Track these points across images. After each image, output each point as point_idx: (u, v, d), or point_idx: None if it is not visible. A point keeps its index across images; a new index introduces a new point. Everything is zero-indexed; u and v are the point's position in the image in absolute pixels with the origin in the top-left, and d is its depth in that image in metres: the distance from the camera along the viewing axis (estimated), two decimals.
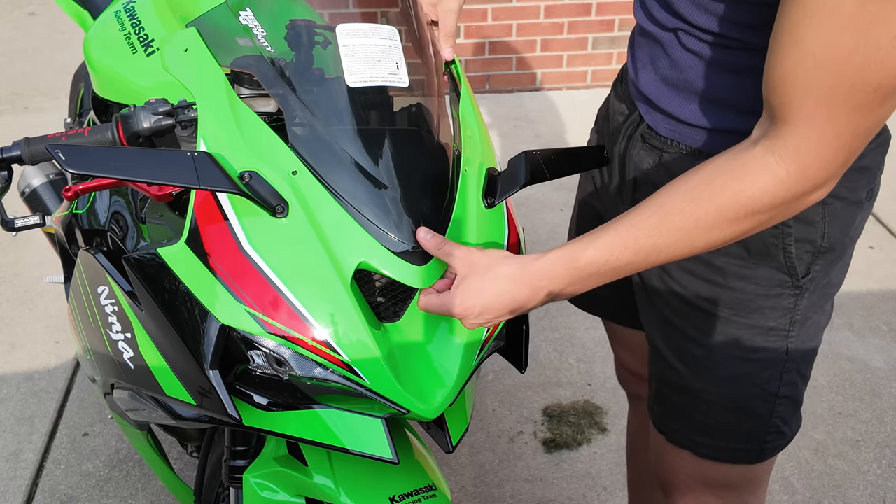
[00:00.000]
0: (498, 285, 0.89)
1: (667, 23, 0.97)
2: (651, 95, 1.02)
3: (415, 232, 0.91)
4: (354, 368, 0.89)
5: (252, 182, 0.90)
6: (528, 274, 0.90)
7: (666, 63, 0.99)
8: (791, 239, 0.98)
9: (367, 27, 0.98)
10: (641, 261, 0.87)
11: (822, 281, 1.02)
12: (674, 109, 0.99)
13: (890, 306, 2.57)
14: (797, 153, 0.78)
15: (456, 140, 1.04)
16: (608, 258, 0.87)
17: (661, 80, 1.00)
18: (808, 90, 0.75)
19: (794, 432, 1.13)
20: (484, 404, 2.21)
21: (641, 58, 1.04)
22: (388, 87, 0.97)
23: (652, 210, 0.86)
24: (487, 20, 3.78)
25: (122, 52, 1.22)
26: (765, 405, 1.07)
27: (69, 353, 2.38)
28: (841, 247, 1.01)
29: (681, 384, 1.10)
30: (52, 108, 3.81)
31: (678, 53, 0.96)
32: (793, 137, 0.78)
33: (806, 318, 1.04)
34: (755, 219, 0.83)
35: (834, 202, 0.96)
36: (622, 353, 1.46)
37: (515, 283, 0.89)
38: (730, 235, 0.85)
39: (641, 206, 0.87)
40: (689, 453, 1.13)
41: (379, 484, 1.04)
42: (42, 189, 1.83)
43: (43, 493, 1.96)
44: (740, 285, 1.01)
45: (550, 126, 3.67)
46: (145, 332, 0.98)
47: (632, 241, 0.86)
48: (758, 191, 0.80)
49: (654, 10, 0.99)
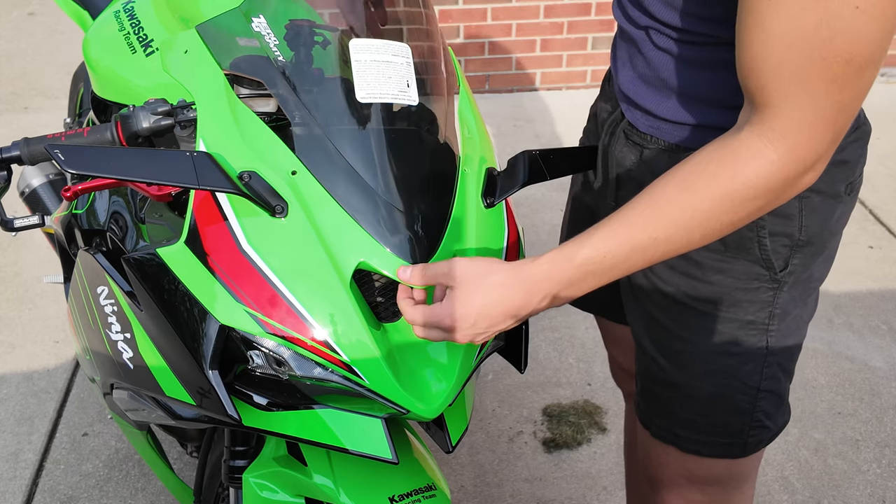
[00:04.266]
0: (492, 293, 0.87)
1: (639, 21, 0.97)
2: (630, 93, 1.02)
3: (410, 239, 0.90)
4: (354, 368, 0.89)
5: (251, 182, 0.90)
6: (522, 278, 0.87)
7: (641, 61, 0.99)
8: (765, 232, 0.97)
9: (379, 43, 0.98)
10: (639, 257, 0.86)
11: (802, 275, 1.02)
12: (652, 106, 0.99)
13: (890, 306, 2.57)
14: (784, 135, 0.78)
15: (456, 140, 1.04)
16: (605, 255, 0.85)
17: (639, 78, 1.00)
18: (781, 70, 0.75)
19: (779, 427, 1.13)
20: (484, 404, 2.21)
21: (621, 57, 1.04)
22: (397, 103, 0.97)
23: (645, 204, 0.85)
24: (487, 20, 3.78)
25: (121, 52, 1.22)
26: (747, 399, 1.07)
27: (69, 353, 2.38)
28: (820, 241, 1.00)
29: (664, 379, 1.11)
30: (52, 108, 3.81)
31: (651, 52, 0.97)
32: (776, 120, 0.78)
33: (786, 311, 1.04)
34: (752, 205, 0.82)
35: (811, 196, 0.96)
36: (614, 351, 1.47)
37: (510, 289, 0.87)
38: (727, 224, 0.84)
39: (634, 201, 0.86)
40: (674, 448, 1.14)
41: (379, 484, 1.04)
42: (41, 189, 1.83)
43: (43, 493, 1.96)
44: (718, 279, 1.01)
45: (550, 126, 3.67)
46: (145, 333, 0.98)
47: (627, 236, 0.85)
48: (751, 176, 0.79)
49: (628, 9, 0.99)
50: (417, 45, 1.04)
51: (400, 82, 0.97)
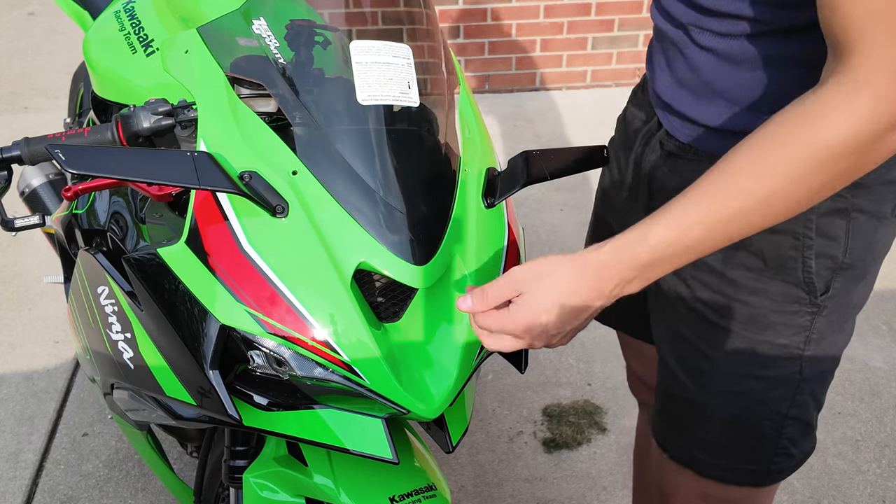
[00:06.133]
0: (559, 290, 0.81)
1: (681, 17, 0.91)
2: (668, 99, 0.98)
3: (411, 239, 0.90)
4: (354, 368, 0.89)
5: (252, 182, 0.90)
6: (589, 268, 0.80)
7: (681, 63, 0.94)
8: (811, 252, 0.93)
9: (380, 45, 0.98)
10: (718, 235, 0.77)
11: (842, 300, 0.97)
12: (693, 113, 0.94)
13: (890, 306, 2.57)
14: (871, 83, 0.71)
15: (456, 140, 1.04)
16: (679, 235, 0.77)
17: (679, 83, 0.95)
18: (867, 9, 0.69)
19: (805, 454, 1.07)
20: (484, 404, 2.21)
21: (658, 61, 1.00)
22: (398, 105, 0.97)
23: (715, 177, 0.77)
24: (487, 20, 3.78)
25: (121, 52, 1.22)
26: (772, 425, 1.03)
27: (69, 353, 2.38)
28: (863, 264, 0.96)
29: (686, 398, 1.07)
30: (52, 108, 3.81)
31: (693, 52, 0.91)
32: (861, 69, 0.71)
33: (822, 336, 0.98)
34: (840, 164, 0.74)
35: (858, 216, 0.92)
36: (633, 363, 1.44)
37: (578, 282, 0.81)
38: (813, 190, 0.75)
39: (706, 176, 0.78)
40: (691, 472, 1.09)
41: (379, 484, 1.04)
42: (42, 189, 1.84)
43: (43, 494, 1.96)
44: (753, 299, 0.97)
45: (550, 126, 3.67)
46: (145, 332, 0.98)
47: (703, 212, 0.76)
48: (837, 133, 0.72)
49: (668, 6, 0.93)
50: (418, 45, 1.04)
51: (401, 84, 0.97)
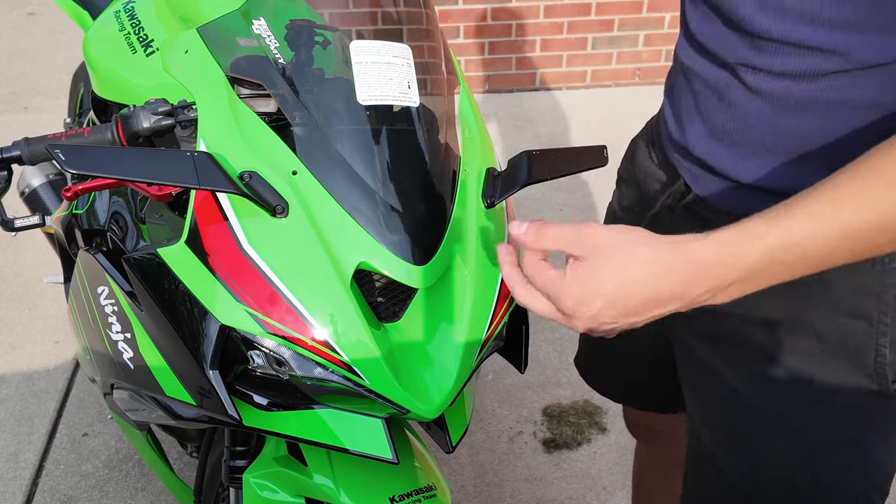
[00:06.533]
0: (635, 270, 0.65)
1: (727, 54, 0.76)
2: (703, 154, 0.83)
3: (411, 239, 0.90)
4: (354, 368, 0.89)
5: (252, 182, 0.90)
6: (685, 258, 0.64)
7: (723, 110, 0.79)
8: (886, 339, 0.79)
9: (380, 45, 0.98)
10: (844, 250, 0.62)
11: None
12: (735, 171, 0.79)
13: None
14: None
15: (456, 140, 1.04)
16: (801, 239, 0.62)
17: (717, 135, 0.81)
18: None
19: None
20: (484, 404, 2.21)
21: (687, 108, 0.85)
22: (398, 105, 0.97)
23: (852, 180, 0.61)
24: (487, 20, 3.78)
25: (121, 52, 1.22)
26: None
27: (69, 353, 2.38)
28: None
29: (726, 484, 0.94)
30: (52, 108, 3.81)
31: (741, 96, 0.77)
32: None
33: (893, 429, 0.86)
34: None
35: None
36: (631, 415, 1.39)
37: (663, 269, 0.64)
38: None
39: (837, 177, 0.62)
40: None
41: (379, 484, 1.04)
42: (42, 189, 1.84)
43: (43, 494, 1.96)
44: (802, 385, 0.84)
45: (550, 126, 3.67)
46: (145, 333, 0.98)
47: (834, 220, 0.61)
48: None
49: (710, 44, 0.78)
50: (418, 45, 1.04)
51: (401, 84, 0.97)
